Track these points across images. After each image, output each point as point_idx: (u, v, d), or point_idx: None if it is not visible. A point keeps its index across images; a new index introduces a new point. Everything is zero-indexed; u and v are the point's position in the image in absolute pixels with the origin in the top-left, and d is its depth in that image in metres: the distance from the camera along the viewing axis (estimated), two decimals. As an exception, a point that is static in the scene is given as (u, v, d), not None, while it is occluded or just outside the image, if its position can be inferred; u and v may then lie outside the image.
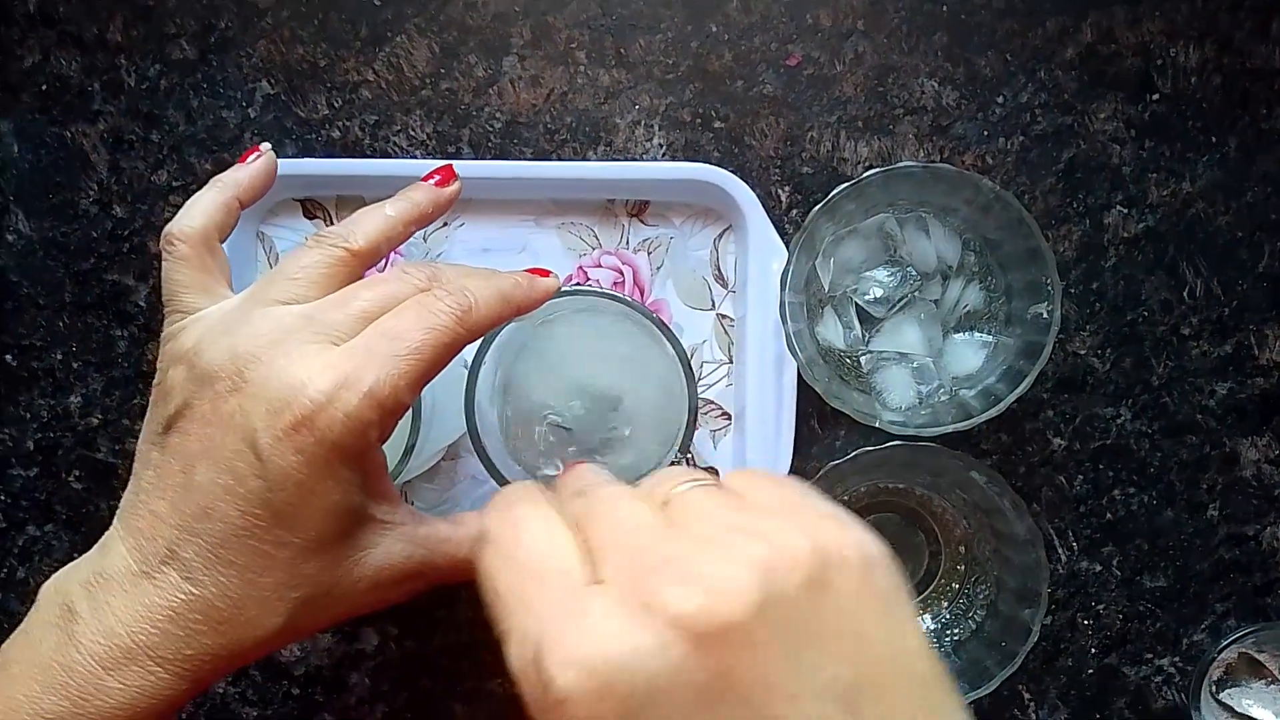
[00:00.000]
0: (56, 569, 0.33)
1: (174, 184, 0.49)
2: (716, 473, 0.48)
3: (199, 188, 0.49)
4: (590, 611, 0.22)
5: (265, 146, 0.39)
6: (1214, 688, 0.47)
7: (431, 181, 0.38)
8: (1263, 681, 0.46)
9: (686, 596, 0.21)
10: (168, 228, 0.35)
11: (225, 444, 0.29)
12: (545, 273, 0.36)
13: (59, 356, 0.50)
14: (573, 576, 0.23)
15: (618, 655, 0.21)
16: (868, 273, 0.46)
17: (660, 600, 0.21)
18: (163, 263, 0.35)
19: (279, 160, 0.47)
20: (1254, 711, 0.46)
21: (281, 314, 0.31)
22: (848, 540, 0.23)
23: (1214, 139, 0.48)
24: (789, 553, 0.22)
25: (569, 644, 0.21)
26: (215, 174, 0.48)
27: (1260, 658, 0.46)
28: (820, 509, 0.25)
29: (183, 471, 0.30)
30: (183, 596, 0.30)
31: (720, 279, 0.48)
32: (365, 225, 0.34)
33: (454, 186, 0.38)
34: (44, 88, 0.50)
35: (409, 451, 0.39)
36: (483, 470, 0.42)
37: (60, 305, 0.50)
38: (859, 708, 0.21)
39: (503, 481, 0.40)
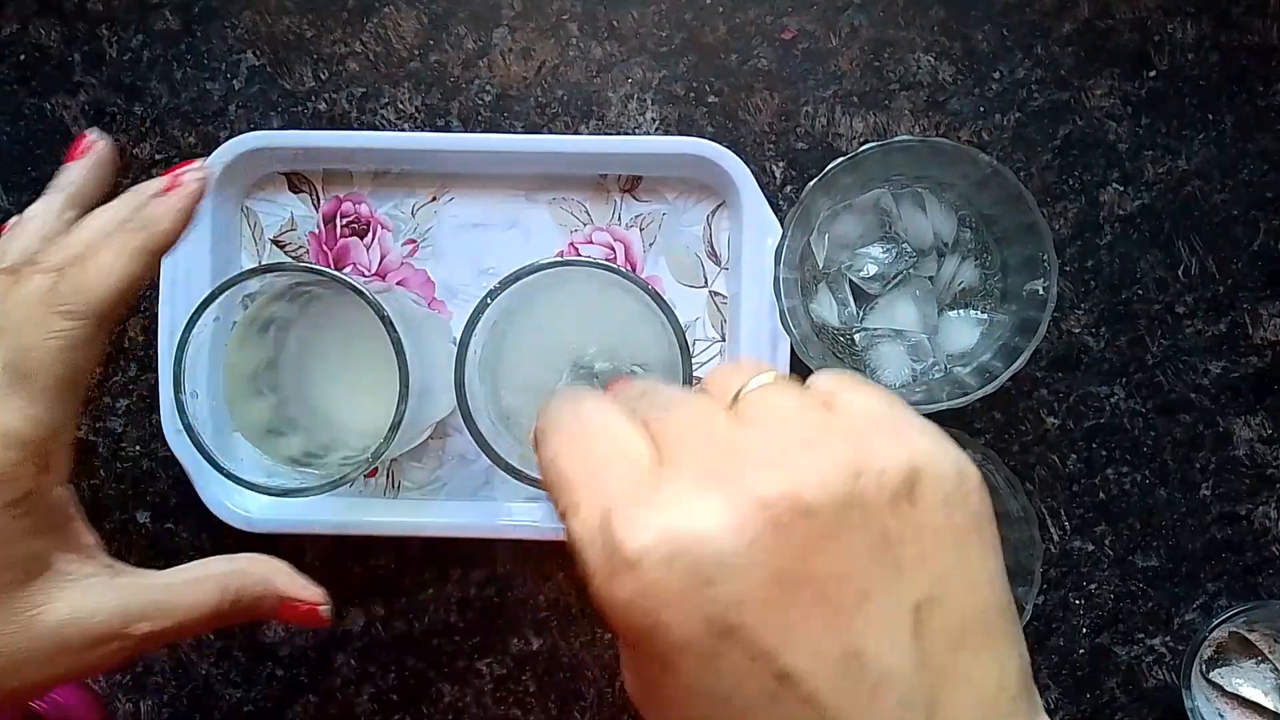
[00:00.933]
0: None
1: (157, 157, 0.48)
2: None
3: (181, 161, 0.48)
4: (669, 484, 0.21)
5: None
6: (1205, 667, 0.47)
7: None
8: (1253, 661, 0.46)
9: (771, 479, 0.20)
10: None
11: None
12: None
13: (39, 333, 0.49)
14: (645, 461, 0.22)
15: (696, 524, 0.20)
16: (863, 249, 0.45)
17: (742, 480, 0.20)
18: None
19: (264, 132, 0.47)
20: (1244, 691, 0.46)
21: None
22: (946, 457, 0.22)
23: (1210, 116, 0.48)
24: (880, 459, 0.21)
25: (645, 510, 0.20)
26: (199, 148, 0.48)
27: (1251, 637, 0.46)
28: (918, 423, 0.23)
29: None
30: None
31: (713, 255, 0.48)
32: (92, 279, 0.31)
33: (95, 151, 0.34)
34: (22, 58, 0.49)
35: (394, 428, 0.38)
36: (472, 449, 0.41)
37: (40, 281, 0.49)
38: (927, 621, 0.21)
39: (495, 458, 0.39)
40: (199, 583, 0.33)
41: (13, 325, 0.30)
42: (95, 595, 0.31)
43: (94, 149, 0.35)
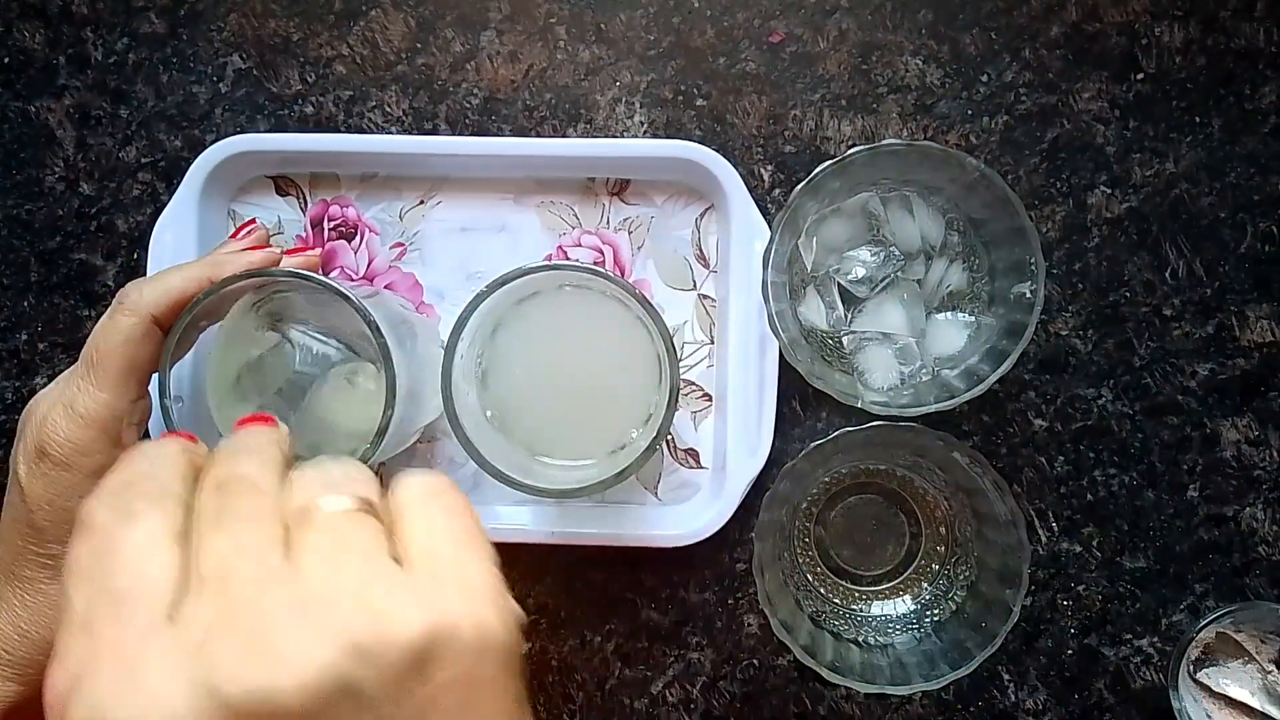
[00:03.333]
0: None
1: (142, 161, 0.48)
2: (696, 455, 0.48)
3: (168, 164, 0.48)
4: (142, 661, 0.20)
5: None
6: (1192, 668, 0.47)
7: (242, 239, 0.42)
8: (1240, 661, 0.47)
9: (243, 672, 0.19)
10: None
11: (10, 482, 0.36)
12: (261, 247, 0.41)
13: (24, 338, 0.48)
14: (153, 609, 0.21)
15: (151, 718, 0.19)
16: (851, 252, 0.45)
17: (215, 668, 0.19)
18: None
19: (250, 135, 0.47)
20: (1231, 691, 0.46)
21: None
22: (471, 617, 0.22)
23: (1198, 119, 0.48)
24: (393, 628, 0.20)
25: (102, 693, 0.20)
26: (185, 151, 0.48)
27: (1238, 638, 0.46)
28: (467, 569, 0.23)
29: None
30: None
31: (702, 259, 0.48)
32: (151, 289, 0.37)
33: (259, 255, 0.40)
34: (6, 61, 0.48)
35: (380, 433, 0.38)
36: (460, 453, 0.41)
37: (26, 285, 0.48)
38: None
39: (481, 462, 0.39)
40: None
41: (95, 331, 0.37)
42: None
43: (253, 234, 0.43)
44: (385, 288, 0.48)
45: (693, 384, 0.48)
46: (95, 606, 0.21)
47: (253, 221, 0.43)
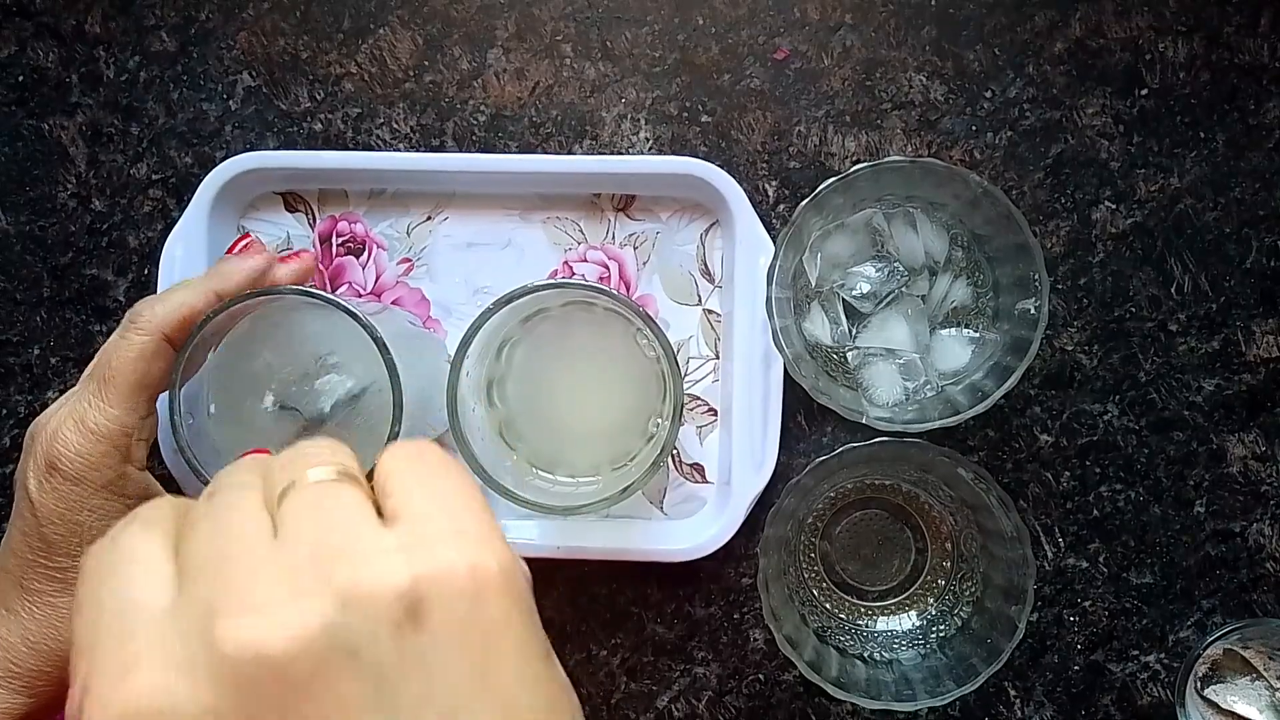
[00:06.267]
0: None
1: (153, 177, 0.49)
2: (702, 470, 0.48)
3: (178, 181, 0.49)
4: (143, 649, 0.20)
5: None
6: (1199, 684, 0.46)
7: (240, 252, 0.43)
8: (1248, 678, 0.46)
9: (238, 631, 0.19)
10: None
11: (18, 496, 0.37)
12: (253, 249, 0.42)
13: (36, 352, 0.49)
14: (148, 609, 0.21)
15: (151, 700, 0.19)
16: (855, 268, 0.45)
17: (209, 635, 0.19)
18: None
19: (259, 152, 0.47)
20: (1239, 708, 0.46)
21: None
22: (464, 561, 0.21)
23: (1202, 134, 0.48)
24: (381, 584, 0.20)
25: (110, 687, 0.20)
26: (195, 168, 0.48)
27: (1246, 654, 0.46)
28: (458, 520, 0.22)
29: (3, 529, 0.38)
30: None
31: (707, 274, 0.48)
32: (162, 306, 0.38)
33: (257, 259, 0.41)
34: (20, 79, 0.49)
35: (392, 441, 0.38)
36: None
37: (38, 300, 0.49)
38: None
39: (485, 478, 0.39)
40: None
41: (106, 348, 0.38)
42: None
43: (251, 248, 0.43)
44: (393, 303, 0.48)
45: (698, 399, 0.48)
46: (94, 628, 0.21)
47: (247, 236, 0.43)
